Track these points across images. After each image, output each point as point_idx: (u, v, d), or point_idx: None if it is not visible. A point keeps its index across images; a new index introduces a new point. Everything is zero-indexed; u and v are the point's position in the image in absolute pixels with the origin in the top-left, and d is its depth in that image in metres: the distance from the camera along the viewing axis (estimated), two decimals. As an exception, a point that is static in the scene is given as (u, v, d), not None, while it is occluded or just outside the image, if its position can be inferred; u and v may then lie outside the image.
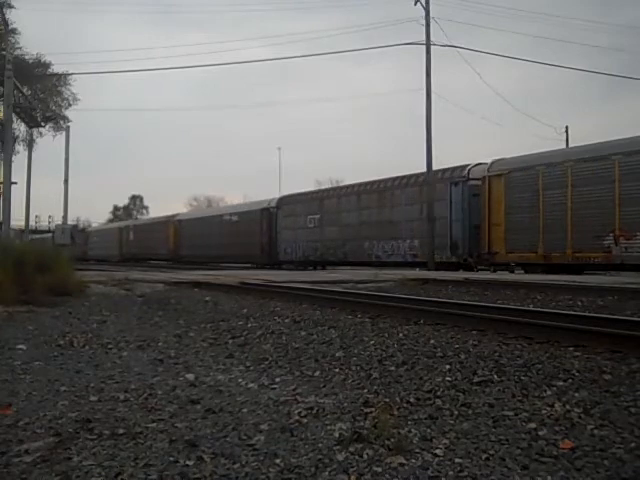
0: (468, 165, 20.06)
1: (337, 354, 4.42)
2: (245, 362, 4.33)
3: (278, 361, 4.30)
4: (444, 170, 20.96)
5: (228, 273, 17.09)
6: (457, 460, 2.31)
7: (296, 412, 2.96)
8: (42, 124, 28.38)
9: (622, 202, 15.11)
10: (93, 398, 3.29)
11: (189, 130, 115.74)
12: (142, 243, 41.40)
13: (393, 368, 3.89)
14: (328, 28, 76.86)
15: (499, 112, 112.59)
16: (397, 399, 3.16)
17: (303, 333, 5.46)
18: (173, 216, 39.60)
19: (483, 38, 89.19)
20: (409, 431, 2.65)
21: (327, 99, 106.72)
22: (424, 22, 21.90)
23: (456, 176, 20.06)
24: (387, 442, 2.47)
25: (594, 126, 77.37)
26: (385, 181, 23.54)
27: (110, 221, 75.25)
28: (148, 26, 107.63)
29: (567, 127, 38.25)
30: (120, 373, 3.96)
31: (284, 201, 29.02)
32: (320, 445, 2.50)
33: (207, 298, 9.04)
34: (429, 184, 20.82)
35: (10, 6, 26.09)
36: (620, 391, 3.19)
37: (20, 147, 29.50)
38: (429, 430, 2.66)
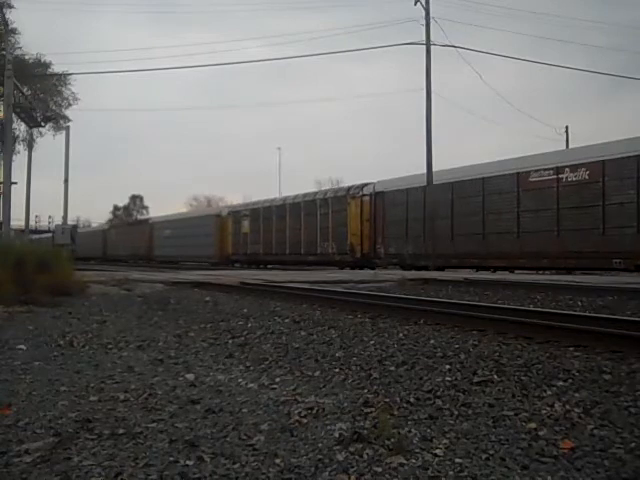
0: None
1: (337, 354, 4.42)
2: (245, 362, 4.33)
3: (278, 361, 4.30)
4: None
5: (228, 273, 17.09)
6: (457, 460, 2.31)
7: (296, 412, 2.96)
8: (42, 124, 28.41)
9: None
10: (93, 398, 3.29)
11: (189, 130, 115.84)
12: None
13: (393, 368, 3.89)
14: (328, 28, 76.94)
15: (499, 112, 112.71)
16: (397, 399, 3.16)
17: (303, 333, 5.46)
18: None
19: (483, 38, 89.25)
20: (409, 431, 2.64)
21: (327, 99, 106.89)
22: (424, 22, 21.95)
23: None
24: (387, 442, 2.47)
25: (594, 126, 77.42)
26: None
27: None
28: (148, 26, 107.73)
29: (567, 127, 38.34)
30: (120, 373, 3.96)
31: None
32: (320, 445, 2.50)
33: (207, 298, 9.05)
34: (429, 184, 20.98)
35: (10, 6, 26.15)
36: (620, 391, 3.18)
37: (20, 147, 29.58)
38: (429, 430, 2.66)
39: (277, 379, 3.74)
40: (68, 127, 31.26)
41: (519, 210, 18.46)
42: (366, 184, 24.98)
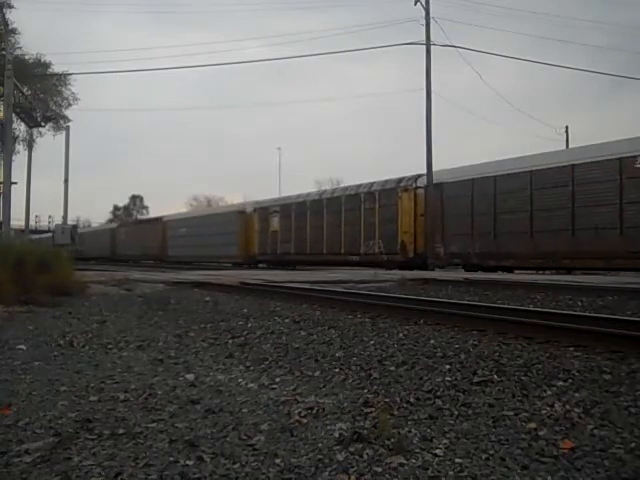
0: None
1: (337, 354, 4.42)
2: (245, 362, 4.33)
3: (278, 361, 4.30)
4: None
5: (228, 273, 17.09)
6: (457, 460, 2.31)
7: (296, 412, 2.96)
8: (42, 124, 28.44)
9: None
10: (93, 398, 3.29)
11: (189, 130, 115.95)
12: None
13: (393, 368, 3.89)
14: (328, 28, 77.00)
15: (499, 112, 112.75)
16: (397, 399, 3.16)
17: (303, 333, 5.46)
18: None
19: (483, 38, 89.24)
20: (409, 431, 2.64)
21: (327, 99, 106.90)
22: (424, 22, 21.96)
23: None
24: (387, 442, 2.47)
25: (594, 126, 77.40)
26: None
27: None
28: (148, 26, 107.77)
29: (567, 127, 38.32)
30: (120, 373, 3.96)
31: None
32: (320, 445, 2.50)
33: (207, 298, 9.05)
34: (429, 184, 20.96)
35: (10, 6, 26.18)
36: (620, 391, 3.18)
37: (20, 147, 29.63)
38: (429, 430, 2.66)
39: (277, 379, 3.74)
40: (68, 127, 31.33)
41: (622, 202, 15.56)
42: (420, 175, 22.13)
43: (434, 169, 21.49)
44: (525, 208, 17.94)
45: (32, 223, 43.51)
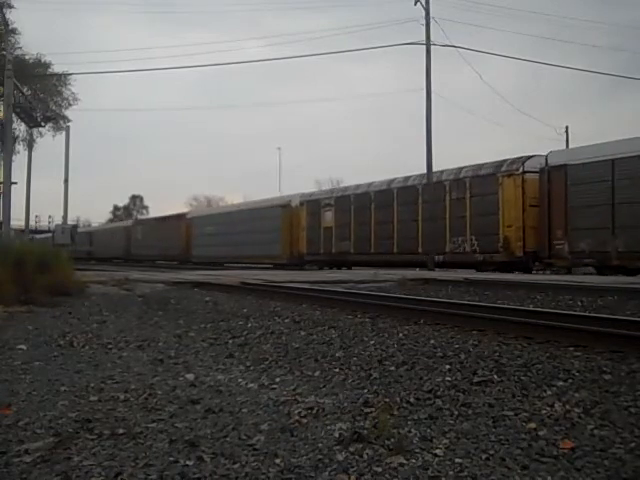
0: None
1: (337, 354, 4.42)
2: (245, 362, 4.33)
3: (278, 361, 4.30)
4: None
5: (228, 273, 17.09)
6: (457, 460, 2.31)
7: (296, 412, 2.96)
8: (42, 124, 28.43)
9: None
10: (93, 398, 3.29)
11: (189, 130, 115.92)
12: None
13: (393, 368, 3.89)
14: (328, 28, 77.19)
15: (499, 112, 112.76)
16: (397, 399, 3.16)
17: (303, 333, 5.46)
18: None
19: (483, 38, 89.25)
20: (409, 431, 2.64)
21: (327, 99, 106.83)
22: (424, 22, 21.93)
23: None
24: (387, 442, 2.47)
25: (594, 126, 77.42)
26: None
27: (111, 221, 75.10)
28: (148, 26, 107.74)
29: (567, 127, 38.26)
30: (120, 373, 3.96)
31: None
32: (320, 445, 2.50)
33: (207, 298, 9.05)
34: (430, 184, 20.90)
35: (10, 6, 26.20)
36: (620, 391, 3.18)
37: (20, 147, 29.65)
38: (429, 430, 2.66)
39: (277, 379, 3.74)
40: (68, 127, 31.35)
41: None
42: (530, 156, 18.22)
43: (434, 169, 21.43)
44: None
45: (32, 223, 43.40)
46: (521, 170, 17.98)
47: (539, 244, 17.49)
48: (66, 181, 33.21)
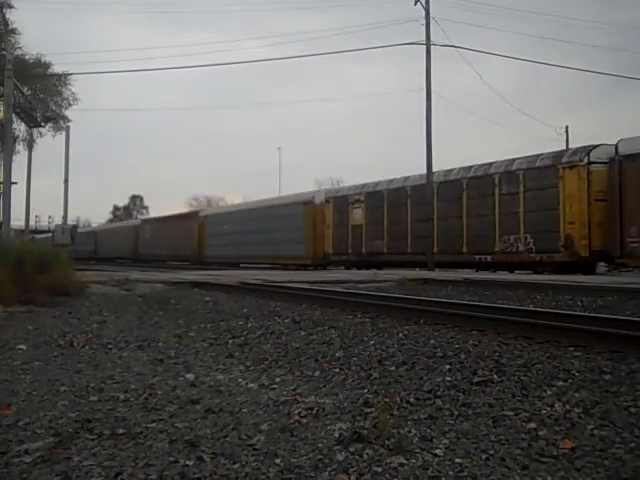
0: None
1: (337, 354, 4.42)
2: (245, 362, 4.33)
3: (278, 361, 4.30)
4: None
5: (228, 273, 17.09)
6: (457, 460, 2.31)
7: (296, 412, 2.96)
8: (42, 124, 28.43)
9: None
10: (93, 398, 3.29)
11: (189, 130, 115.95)
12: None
13: (393, 368, 3.89)
14: (328, 28, 77.19)
15: (499, 112, 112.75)
16: (397, 399, 3.16)
17: (303, 333, 5.46)
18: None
19: (483, 38, 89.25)
20: (409, 431, 2.64)
21: (327, 99, 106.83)
22: (424, 22, 21.93)
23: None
24: (387, 442, 2.47)
25: (594, 126, 77.45)
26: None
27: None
28: (148, 26, 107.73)
29: (567, 127, 38.23)
30: (120, 373, 3.96)
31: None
32: (320, 445, 2.50)
33: (207, 298, 9.05)
34: (429, 184, 20.91)
35: (10, 6, 26.19)
36: (620, 391, 3.18)
37: (20, 147, 29.62)
38: (429, 430, 2.66)
39: (277, 379, 3.74)
40: (68, 127, 31.31)
41: None
42: (596, 146, 16.41)
43: (434, 169, 21.42)
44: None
45: (32, 223, 43.32)
46: (586, 161, 16.22)
47: (608, 242, 15.79)
48: (66, 181, 33.18)
